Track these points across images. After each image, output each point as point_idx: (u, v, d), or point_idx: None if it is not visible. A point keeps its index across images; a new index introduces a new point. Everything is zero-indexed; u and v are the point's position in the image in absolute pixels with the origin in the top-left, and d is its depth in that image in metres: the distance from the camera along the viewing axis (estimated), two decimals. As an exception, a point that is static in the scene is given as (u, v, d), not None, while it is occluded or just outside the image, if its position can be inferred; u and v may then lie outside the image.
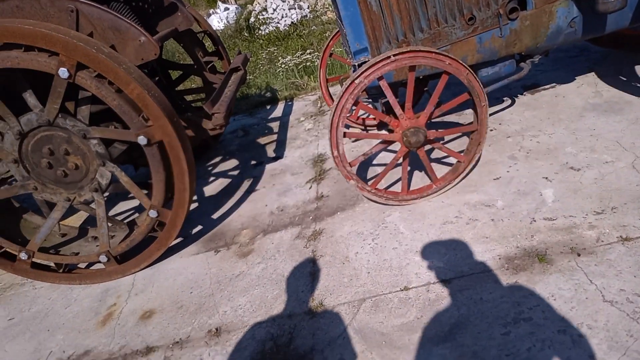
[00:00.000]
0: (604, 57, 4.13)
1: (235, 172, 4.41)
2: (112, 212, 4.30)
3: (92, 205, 3.29)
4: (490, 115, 3.78)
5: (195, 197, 4.14)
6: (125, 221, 3.54)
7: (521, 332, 1.96)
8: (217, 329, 2.56)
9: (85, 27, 3.16)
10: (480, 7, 2.90)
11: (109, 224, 3.35)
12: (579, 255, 2.24)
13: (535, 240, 2.42)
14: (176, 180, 2.99)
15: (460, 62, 2.75)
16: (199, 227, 3.63)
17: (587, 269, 2.15)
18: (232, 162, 4.67)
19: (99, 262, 3.26)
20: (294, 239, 3.11)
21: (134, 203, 4.34)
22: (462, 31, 2.96)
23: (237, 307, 2.66)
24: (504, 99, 4.01)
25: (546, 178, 2.86)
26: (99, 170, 3.04)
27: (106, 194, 3.17)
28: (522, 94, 4.00)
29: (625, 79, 3.66)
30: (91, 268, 3.47)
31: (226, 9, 12.96)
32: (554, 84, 3.97)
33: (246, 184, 4.09)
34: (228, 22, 12.01)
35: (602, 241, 2.27)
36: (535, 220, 2.56)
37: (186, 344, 2.52)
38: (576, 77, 3.95)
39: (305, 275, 2.74)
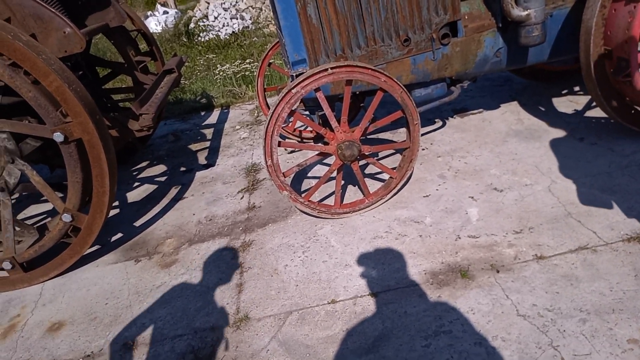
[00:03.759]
0: (525, 87, 4.43)
1: (163, 179, 4.21)
2: (20, 216, 3.94)
3: (-3, 206, 2.99)
4: (422, 135, 3.90)
5: (116, 203, 3.90)
6: (35, 225, 3.24)
7: (441, 344, 2.00)
8: (133, 342, 2.39)
9: (2, 12, 2.92)
10: (415, 30, 3.00)
11: (16, 228, 3.05)
12: (498, 271, 2.34)
13: (459, 257, 2.50)
14: (95, 183, 2.79)
15: (395, 80, 2.82)
16: (119, 235, 3.41)
17: (505, 285, 2.24)
18: (160, 168, 4.46)
19: (2, 269, 2.95)
20: (221, 250, 2.99)
21: (48, 206, 4.00)
22: (398, 51, 3.05)
23: (157, 319, 2.51)
24: (436, 120, 4.17)
25: (472, 197, 2.98)
26: (7, 168, 2.77)
27: (15, 194, 2.89)
28: (452, 117, 4.18)
29: (543, 109, 3.94)
30: (-8, 276, 3.14)
31: (165, 12, 12.59)
32: (481, 109, 4.19)
33: (173, 191, 3.91)
34: (166, 26, 11.66)
35: (519, 259, 2.39)
36: (460, 238, 2.64)
37: (99, 358, 2.34)
38: (501, 105, 4.19)
39: (232, 287, 2.64)
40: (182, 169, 4.33)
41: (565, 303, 2.07)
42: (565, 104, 3.93)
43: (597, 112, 3.62)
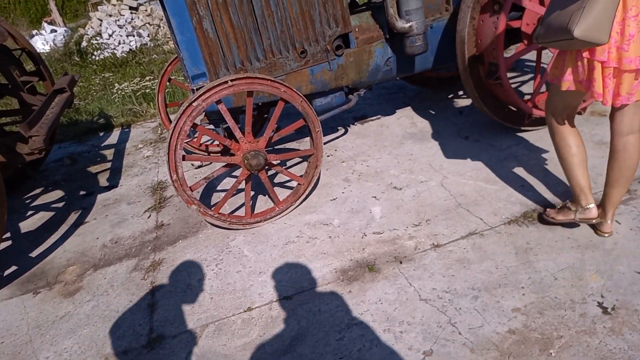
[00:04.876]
0: (417, 94, 4.80)
1: (60, 204, 3.95)
2: None
3: None
4: (327, 142, 4.07)
5: (7, 234, 3.59)
6: None
7: (353, 336, 2.11)
8: (35, 380, 2.23)
9: None
10: (310, 43, 3.15)
11: None
12: (401, 262, 2.52)
13: (365, 253, 2.65)
14: (-19, 213, 2.57)
15: (295, 90, 2.93)
16: (13, 268, 3.15)
17: (408, 274, 2.42)
18: (57, 194, 4.18)
19: None
20: (130, 272, 2.89)
21: None
22: (296, 63, 3.18)
23: (62, 351, 2.36)
24: (338, 128, 4.36)
25: (375, 197, 3.17)
26: None
27: None
28: (353, 124, 4.40)
29: (433, 112, 4.30)
30: None
31: (53, 30, 11.78)
32: (379, 115, 4.47)
33: (73, 217, 3.69)
34: (55, 45, 10.91)
35: (419, 249, 2.59)
36: (366, 235, 2.80)
37: (-7, 404, 2.15)
38: (396, 111, 4.50)
39: (143, 308, 2.56)
40: (82, 192, 4.09)
41: (460, 284, 2.29)
42: (452, 107, 4.33)
43: (478, 113, 4.03)
